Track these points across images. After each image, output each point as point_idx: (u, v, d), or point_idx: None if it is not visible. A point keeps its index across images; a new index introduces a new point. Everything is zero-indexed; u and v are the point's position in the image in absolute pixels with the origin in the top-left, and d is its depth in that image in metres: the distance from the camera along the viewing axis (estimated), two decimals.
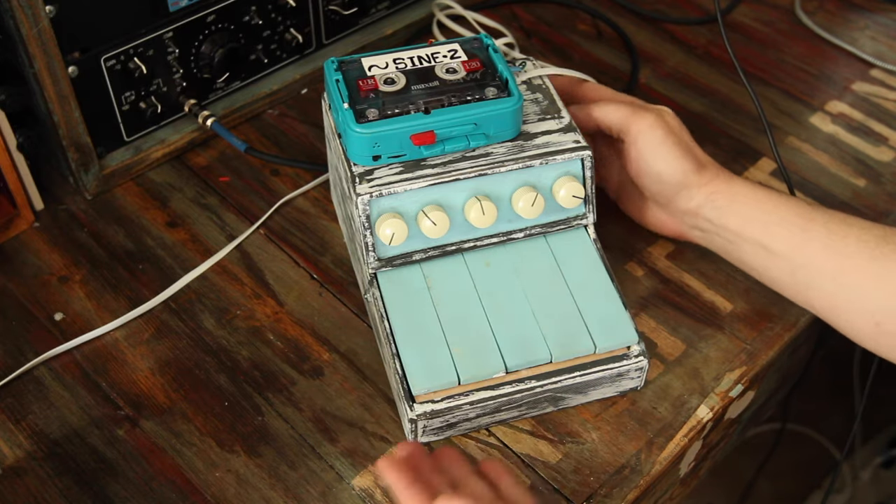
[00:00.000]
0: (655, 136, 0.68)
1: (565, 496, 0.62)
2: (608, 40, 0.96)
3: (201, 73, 0.81)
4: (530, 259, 0.67)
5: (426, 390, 0.61)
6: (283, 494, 0.62)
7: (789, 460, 1.23)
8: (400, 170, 0.64)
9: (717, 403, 0.67)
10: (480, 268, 0.67)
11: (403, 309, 0.64)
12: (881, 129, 0.88)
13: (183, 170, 0.82)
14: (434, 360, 0.62)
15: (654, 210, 0.73)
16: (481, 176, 0.64)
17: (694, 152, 0.69)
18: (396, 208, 0.64)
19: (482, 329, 0.64)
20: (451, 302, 0.65)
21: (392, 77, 0.65)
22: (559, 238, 0.68)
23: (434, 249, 0.66)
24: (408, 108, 0.63)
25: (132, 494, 0.61)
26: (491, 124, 0.64)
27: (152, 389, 0.67)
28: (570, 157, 0.65)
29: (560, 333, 0.63)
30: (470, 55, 0.67)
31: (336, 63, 0.66)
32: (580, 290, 0.66)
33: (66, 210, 0.78)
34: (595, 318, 0.64)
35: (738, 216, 0.66)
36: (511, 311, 0.64)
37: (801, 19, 0.99)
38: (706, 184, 0.68)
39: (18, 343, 0.69)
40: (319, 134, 0.85)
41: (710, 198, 0.67)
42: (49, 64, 0.70)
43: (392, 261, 0.65)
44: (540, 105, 0.69)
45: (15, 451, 0.63)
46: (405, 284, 0.66)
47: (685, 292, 0.74)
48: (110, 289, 0.73)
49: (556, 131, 0.66)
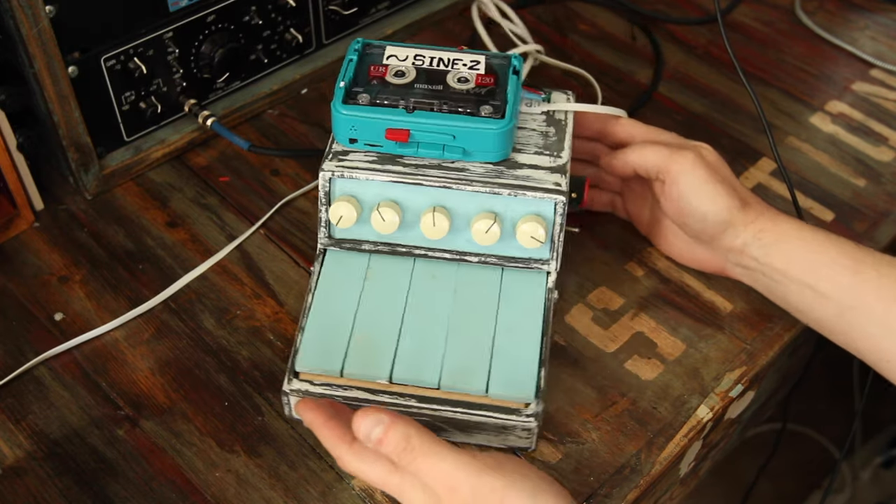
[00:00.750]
0: (697, 175, 0.66)
1: None
2: (608, 41, 0.96)
3: (201, 73, 0.81)
4: (475, 286, 0.65)
5: (308, 369, 0.61)
6: (283, 494, 0.62)
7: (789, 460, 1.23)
8: (373, 159, 0.64)
9: (717, 403, 0.67)
10: (424, 278, 0.66)
11: (331, 290, 0.65)
12: (881, 129, 0.88)
13: (183, 170, 0.82)
14: (329, 345, 0.62)
15: (693, 247, 0.71)
16: (445, 188, 0.63)
17: (737, 189, 0.68)
18: (356, 194, 0.64)
19: (390, 334, 0.63)
20: (376, 299, 0.65)
21: (403, 70, 0.65)
22: (515, 276, 0.66)
23: (384, 245, 0.67)
24: (397, 102, 0.63)
25: (132, 494, 0.61)
26: (469, 141, 0.62)
27: (152, 389, 0.67)
28: (542, 196, 0.62)
29: (460, 365, 0.61)
30: (489, 70, 0.66)
31: (360, 44, 0.67)
32: (505, 333, 0.63)
33: (66, 210, 0.78)
34: (503, 364, 0.61)
35: (784, 255, 0.65)
36: (426, 328, 0.63)
37: (801, 19, 0.99)
38: (752, 222, 0.66)
39: (18, 343, 0.69)
40: (319, 134, 0.85)
41: (757, 236, 0.66)
42: (49, 64, 0.70)
43: (341, 243, 0.67)
44: (546, 139, 0.67)
45: (15, 451, 0.63)
46: (346, 269, 0.66)
47: (685, 292, 0.74)
48: (110, 289, 0.73)
49: (544, 168, 0.64)
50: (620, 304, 0.73)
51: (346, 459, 0.54)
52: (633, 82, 0.91)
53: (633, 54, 0.94)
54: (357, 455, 0.54)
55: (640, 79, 0.92)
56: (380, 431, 0.52)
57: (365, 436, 0.53)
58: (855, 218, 0.80)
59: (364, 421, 0.53)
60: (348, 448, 0.54)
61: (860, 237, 0.78)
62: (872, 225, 0.79)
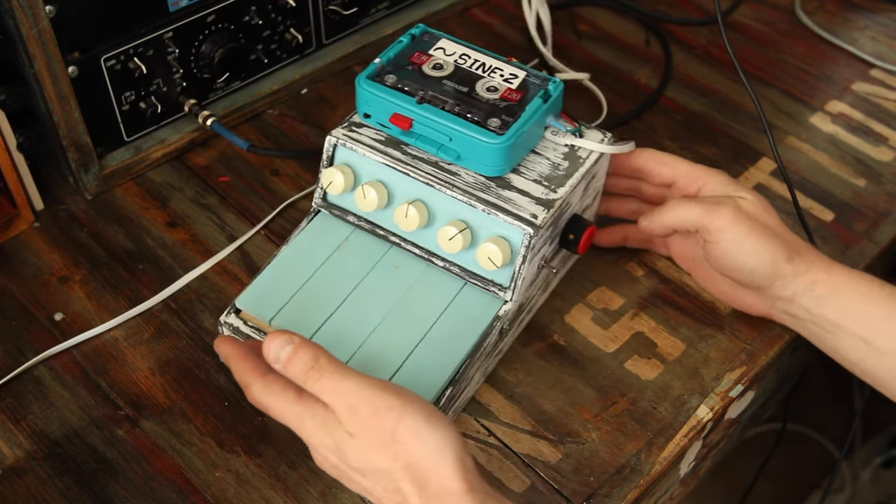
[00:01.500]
0: (738, 231, 0.64)
1: (565, 496, 0.62)
2: (608, 41, 0.96)
3: (201, 73, 0.81)
4: (430, 288, 0.65)
5: (246, 309, 0.64)
6: (283, 494, 0.62)
7: (789, 460, 1.23)
8: (381, 139, 0.66)
9: (717, 403, 0.67)
10: (389, 265, 0.66)
11: (303, 247, 0.67)
12: (881, 129, 0.88)
13: (183, 170, 0.82)
14: (273, 295, 0.64)
15: (739, 291, 0.70)
16: (429, 185, 0.63)
17: (784, 238, 0.65)
18: (353, 166, 0.66)
19: (329, 304, 0.64)
20: (336, 269, 0.66)
21: (442, 64, 0.66)
22: (471, 293, 0.65)
23: (365, 223, 0.68)
24: (415, 91, 0.64)
25: (132, 494, 0.61)
26: (463, 147, 0.62)
27: (152, 389, 0.67)
28: (513, 222, 0.61)
29: (374, 355, 0.62)
30: (521, 87, 0.65)
31: (419, 31, 0.68)
32: (432, 341, 0.63)
33: (66, 210, 0.78)
34: (412, 368, 0.61)
35: (838, 307, 0.63)
36: (364, 311, 0.64)
37: (801, 19, 0.99)
38: (804, 273, 0.64)
39: (18, 343, 0.69)
40: (320, 134, 0.85)
41: (809, 287, 0.64)
42: (49, 64, 0.70)
43: (332, 208, 0.68)
44: (553, 171, 0.65)
45: (15, 451, 0.63)
46: (326, 233, 0.68)
47: (685, 292, 0.74)
48: (110, 289, 0.73)
49: (532, 198, 0.63)
50: (620, 304, 0.73)
51: (254, 389, 0.56)
52: (632, 82, 0.91)
53: (631, 54, 0.94)
54: (265, 386, 0.55)
55: (639, 78, 0.92)
56: (289, 350, 0.54)
57: (274, 356, 0.55)
58: (855, 218, 0.80)
59: (274, 342, 0.55)
60: (259, 378, 0.56)
61: (860, 237, 0.78)
62: (872, 225, 0.79)
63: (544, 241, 0.64)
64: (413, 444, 0.51)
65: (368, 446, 0.52)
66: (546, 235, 0.63)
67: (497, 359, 0.68)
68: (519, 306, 0.65)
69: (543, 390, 0.67)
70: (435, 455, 0.51)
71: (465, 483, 0.51)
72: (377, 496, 0.54)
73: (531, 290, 0.66)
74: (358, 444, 0.52)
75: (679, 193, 0.70)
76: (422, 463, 0.51)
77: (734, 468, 1.15)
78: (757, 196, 0.67)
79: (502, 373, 0.68)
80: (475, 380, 0.65)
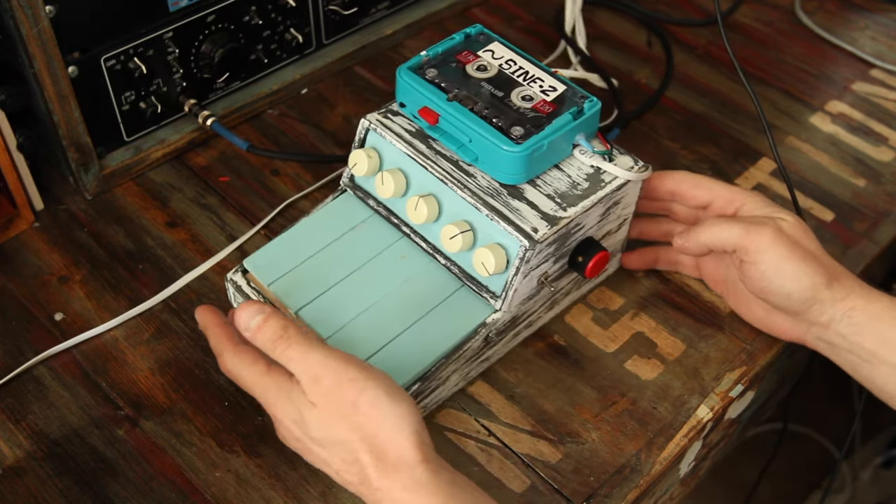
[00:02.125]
0: (778, 253, 0.63)
1: (565, 496, 0.62)
2: (608, 41, 0.96)
3: (201, 73, 0.81)
4: (428, 283, 0.66)
5: (251, 269, 0.66)
6: (283, 494, 0.62)
7: (789, 460, 1.23)
8: (412, 129, 0.67)
9: (717, 403, 0.67)
10: (395, 254, 0.67)
11: (320, 222, 0.69)
12: (881, 129, 0.88)
13: (183, 170, 0.82)
14: (280, 261, 0.66)
15: (773, 315, 0.68)
16: (442, 181, 0.64)
17: (823, 263, 0.64)
18: (379, 150, 0.68)
19: (327, 280, 0.66)
20: (345, 248, 0.67)
21: (486, 66, 0.67)
22: (465, 295, 0.65)
23: (383, 209, 0.69)
24: (451, 89, 0.65)
25: (132, 494, 0.61)
26: (481, 149, 0.63)
27: (152, 389, 0.67)
28: (512, 232, 0.61)
29: (357, 335, 0.63)
30: (557, 100, 0.64)
31: (475, 30, 0.69)
32: (415, 334, 0.63)
33: (66, 210, 0.78)
34: (387, 356, 0.62)
35: (876, 336, 0.62)
36: (359, 293, 0.65)
37: (801, 19, 0.99)
38: (842, 299, 0.63)
39: (18, 343, 0.69)
40: (319, 134, 0.85)
41: (847, 314, 0.63)
42: (49, 64, 0.70)
43: (356, 189, 0.70)
44: (571, 190, 0.64)
45: (15, 451, 0.63)
46: (345, 213, 0.69)
47: (685, 292, 0.74)
48: (110, 289, 0.73)
49: (539, 212, 0.62)
50: (620, 304, 0.73)
51: (226, 357, 0.57)
52: (631, 82, 0.91)
53: (630, 54, 0.94)
54: (237, 355, 0.56)
55: (639, 78, 0.92)
56: (259, 320, 0.55)
57: (245, 324, 0.56)
58: (855, 218, 0.80)
59: (245, 311, 0.56)
60: (232, 347, 0.57)
61: (860, 237, 0.78)
62: (872, 225, 0.79)
63: (545, 257, 0.63)
64: (373, 415, 0.52)
65: (329, 417, 0.53)
66: (547, 252, 0.63)
67: (483, 366, 0.68)
68: (513, 318, 0.65)
69: (543, 390, 0.67)
70: (394, 427, 0.52)
71: (420, 454, 0.52)
72: (335, 468, 0.55)
73: (529, 305, 0.66)
74: (319, 415, 0.53)
75: (715, 214, 0.69)
76: (380, 434, 0.52)
77: (734, 468, 1.15)
78: (797, 219, 0.66)
79: (502, 373, 0.68)
80: (451, 381, 0.65)
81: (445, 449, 0.64)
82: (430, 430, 0.64)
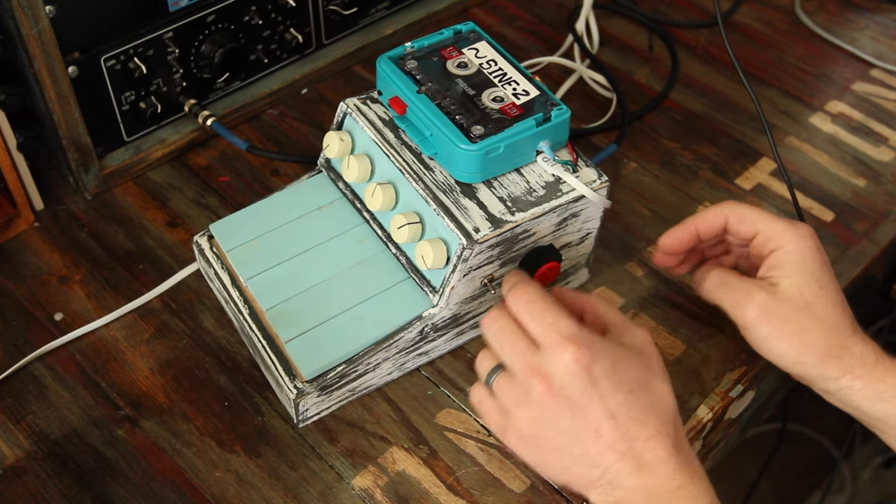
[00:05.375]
0: (762, 332, 0.61)
1: (565, 496, 0.62)
2: (607, 41, 0.96)
3: (201, 73, 0.81)
4: (376, 269, 0.67)
5: (215, 234, 0.69)
6: (283, 494, 0.62)
7: (789, 460, 1.23)
8: (386, 118, 0.68)
9: (717, 403, 0.67)
10: (353, 238, 0.69)
11: (289, 199, 0.71)
12: (881, 129, 0.88)
13: (183, 170, 0.82)
14: (242, 230, 0.69)
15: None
16: (401, 172, 0.65)
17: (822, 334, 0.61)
18: (353, 134, 0.70)
19: (280, 255, 0.68)
20: (306, 227, 0.69)
21: (467, 64, 0.67)
22: (407, 287, 0.66)
23: (350, 192, 0.71)
24: (425, 82, 0.65)
25: (132, 494, 0.61)
26: (439, 144, 0.63)
27: (152, 389, 0.67)
28: (454, 229, 0.61)
29: (295, 310, 0.64)
30: (527, 106, 0.64)
31: (467, 28, 0.70)
32: (351, 318, 0.64)
33: (66, 210, 0.78)
34: (319, 335, 0.63)
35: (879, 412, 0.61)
36: (308, 271, 0.67)
37: (801, 19, 0.99)
38: (837, 378, 0.61)
39: (18, 343, 0.69)
40: (319, 134, 0.85)
41: (843, 390, 0.61)
42: (49, 64, 0.70)
43: (330, 171, 0.72)
44: (526, 196, 0.63)
45: (15, 451, 0.63)
46: (315, 192, 0.72)
47: (685, 292, 0.74)
48: (110, 289, 0.73)
49: (486, 213, 0.62)
50: (620, 305, 0.73)
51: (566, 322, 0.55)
52: (631, 82, 0.91)
53: (630, 54, 0.94)
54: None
55: (638, 78, 0.92)
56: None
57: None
58: (855, 218, 0.80)
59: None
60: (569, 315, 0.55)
61: (860, 237, 0.78)
62: (872, 225, 0.79)
63: (487, 258, 0.62)
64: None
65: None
66: (490, 254, 0.62)
67: (422, 360, 0.68)
68: (454, 316, 0.65)
69: None
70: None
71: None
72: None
73: (474, 306, 0.66)
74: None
75: (757, 252, 0.65)
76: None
77: (734, 468, 1.15)
78: (811, 275, 0.61)
79: None
80: (383, 369, 0.65)
81: (445, 449, 0.64)
82: (430, 430, 0.64)
